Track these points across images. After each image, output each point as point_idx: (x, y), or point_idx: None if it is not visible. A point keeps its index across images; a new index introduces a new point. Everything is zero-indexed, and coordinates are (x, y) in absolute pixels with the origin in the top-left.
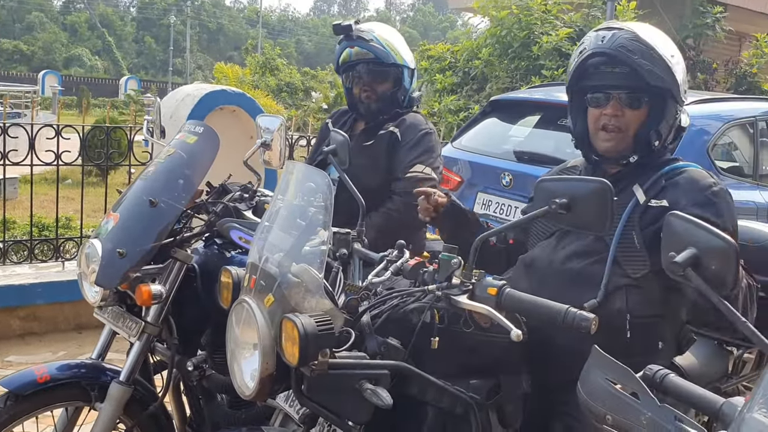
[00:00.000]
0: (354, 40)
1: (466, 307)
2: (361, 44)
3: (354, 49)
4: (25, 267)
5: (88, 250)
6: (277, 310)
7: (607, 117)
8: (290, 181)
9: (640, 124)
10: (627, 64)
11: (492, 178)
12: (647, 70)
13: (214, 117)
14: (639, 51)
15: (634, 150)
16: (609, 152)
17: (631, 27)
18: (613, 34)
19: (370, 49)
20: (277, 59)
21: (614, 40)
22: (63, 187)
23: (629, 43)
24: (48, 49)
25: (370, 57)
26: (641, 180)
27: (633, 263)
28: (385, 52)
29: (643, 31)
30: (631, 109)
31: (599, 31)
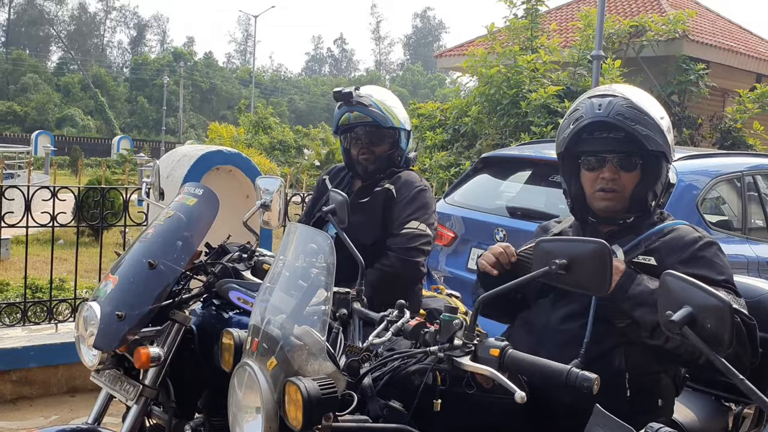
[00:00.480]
0: (354, 106)
1: (468, 369)
2: (361, 109)
3: (353, 113)
4: (18, 329)
5: (87, 313)
6: (279, 373)
7: (605, 180)
8: (292, 242)
9: (636, 185)
10: (624, 130)
11: (486, 234)
12: (644, 136)
13: (211, 177)
14: (635, 117)
15: (629, 209)
16: (606, 212)
17: (623, 92)
18: (609, 101)
19: (369, 114)
20: (270, 118)
21: (611, 108)
22: (56, 247)
23: (625, 110)
24: (41, 109)
25: (368, 120)
26: (625, 241)
27: (619, 315)
28: (383, 116)
29: (636, 96)
30: (626, 172)
31: (593, 99)
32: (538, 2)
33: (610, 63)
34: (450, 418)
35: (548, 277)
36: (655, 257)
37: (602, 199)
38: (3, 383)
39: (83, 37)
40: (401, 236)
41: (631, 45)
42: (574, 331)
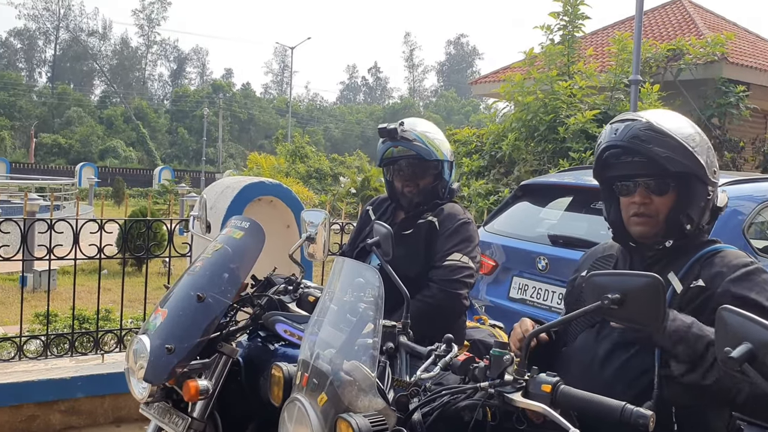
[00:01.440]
0: (398, 141)
1: (520, 405)
2: (405, 144)
3: (397, 148)
4: (66, 360)
5: (137, 346)
6: (330, 409)
7: (636, 205)
8: (339, 276)
9: (670, 209)
10: (642, 153)
11: (527, 262)
12: (664, 158)
13: (253, 207)
14: (653, 139)
15: (667, 234)
16: (643, 237)
17: (645, 116)
18: (626, 125)
19: (413, 148)
20: (306, 147)
21: (627, 132)
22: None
23: (642, 133)
24: (85, 141)
25: (412, 154)
26: (676, 266)
27: None
28: (427, 149)
29: (658, 118)
30: (659, 195)
31: (614, 124)
32: (575, 28)
33: (648, 87)
34: None
35: (600, 312)
36: (703, 278)
37: (636, 224)
38: (52, 413)
39: (125, 70)
40: (443, 268)
41: (668, 68)
42: (622, 362)
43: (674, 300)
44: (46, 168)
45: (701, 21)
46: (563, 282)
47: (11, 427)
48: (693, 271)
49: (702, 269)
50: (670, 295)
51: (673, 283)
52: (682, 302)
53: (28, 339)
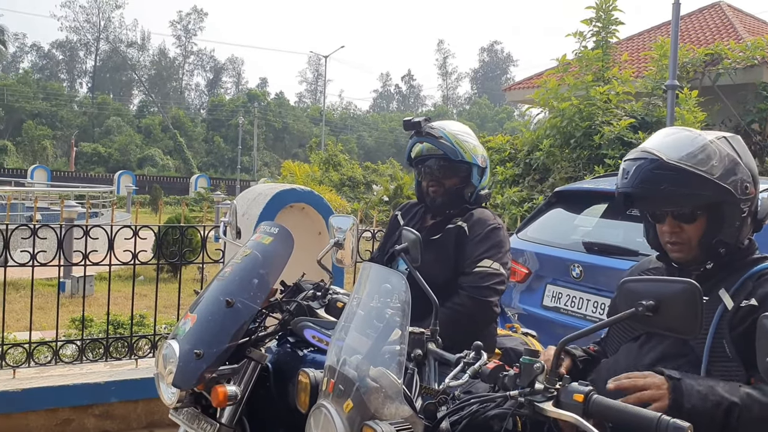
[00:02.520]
0: (423, 136)
1: (551, 415)
2: (430, 140)
3: (425, 145)
4: (101, 364)
5: (166, 351)
6: (356, 416)
7: (668, 234)
8: (366, 281)
9: (702, 235)
10: (656, 197)
11: (561, 270)
12: (680, 195)
13: (285, 214)
14: (666, 179)
15: (704, 258)
16: (680, 263)
17: (655, 150)
18: (636, 167)
19: (438, 146)
20: (339, 155)
21: (636, 176)
22: (136, 283)
23: (652, 175)
24: (124, 150)
25: (439, 153)
26: (728, 283)
27: (726, 375)
28: (453, 149)
29: (670, 149)
30: (688, 224)
31: (626, 162)
32: (608, 34)
33: (687, 93)
34: None
35: (635, 318)
36: (756, 297)
37: (672, 251)
38: (86, 417)
39: (163, 80)
40: (473, 275)
41: (706, 73)
42: None
43: (724, 317)
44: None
45: (741, 25)
46: (598, 290)
47: (47, 430)
48: (745, 288)
49: (755, 287)
50: (720, 311)
51: (724, 300)
52: (733, 320)
53: (64, 343)
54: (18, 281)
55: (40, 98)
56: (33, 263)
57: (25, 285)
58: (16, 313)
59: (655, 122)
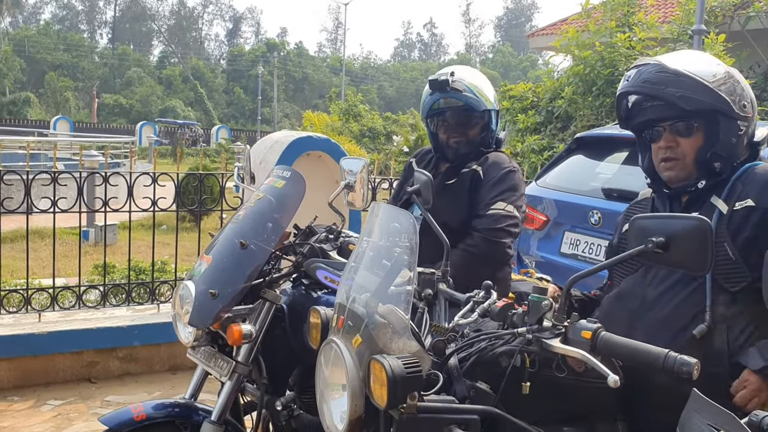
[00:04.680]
0: (447, 92)
1: (559, 351)
2: (455, 95)
3: (445, 99)
4: (123, 309)
5: (182, 291)
6: (364, 351)
7: (663, 149)
8: (375, 222)
9: (698, 150)
10: (656, 96)
11: (580, 217)
12: (678, 97)
13: (301, 162)
14: (665, 81)
15: (699, 176)
16: (673, 182)
17: (659, 58)
18: (638, 70)
19: (462, 99)
20: (359, 105)
21: (638, 76)
22: (158, 232)
23: (654, 76)
24: (145, 101)
25: (460, 105)
26: (718, 190)
27: (731, 277)
28: (477, 100)
29: (673, 59)
30: (684, 137)
31: (629, 71)
32: None
33: (713, 38)
34: (539, 402)
35: (644, 256)
36: (751, 197)
37: (665, 169)
38: (111, 360)
39: (182, 30)
40: (487, 217)
41: (736, 17)
42: (676, 303)
43: (721, 222)
44: (108, 127)
45: None
46: None
47: (73, 372)
48: (735, 190)
49: (745, 186)
50: (716, 217)
51: (717, 206)
52: (730, 224)
53: (87, 289)
54: (43, 230)
55: (60, 49)
56: (54, 210)
57: (50, 233)
58: (41, 260)
59: None
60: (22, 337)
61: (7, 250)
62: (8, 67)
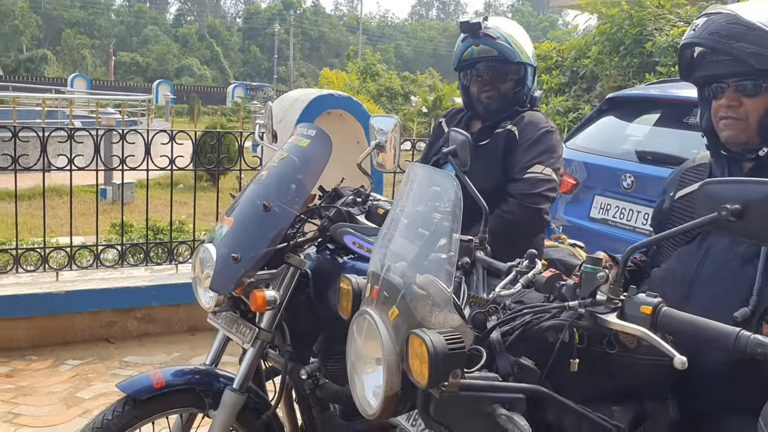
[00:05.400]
0: (480, 38)
1: (616, 327)
2: (488, 42)
3: (477, 47)
4: (141, 269)
5: (203, 254)
6: (402, 324)
7: (724, 108)
8: (412, 184)
9: (764, 113)
10: (724, 51)
11: (611, 180)
12: (749, 54)
13: (322, 121)
14: (737, 34)
15: (761, 141)
16: (730, 143)
17: (734, 7)
18: (707, 20)
19: (495, 47)
20: (377, 65)
21: (706, 27)
22: (176, 191)
23: (724, 28)
24: (161, 60)
25: (494, 55)
26: None
27: None
28: (511, 50)
29: (750, 9)
30: (750, 97)
31: (697, 19)
32: None
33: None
34: (587, 380)
35: (716, 224)
36: None
37: (724, 128)
38: (129, 320)
39: None
40: (523, 181)
41: None
42: (733, 278)
43: None
44: (125, 85)
45: None
46: (650, 201)
47: (91, 332)
48: None
49: None
50: None
51: None
52: None
53: (105, 248)
54: (60, 187)
55: (77, 6)
56: (71, 167)
57: (68, 191)
58: (59, 218)
59: None
60: (40, 296)
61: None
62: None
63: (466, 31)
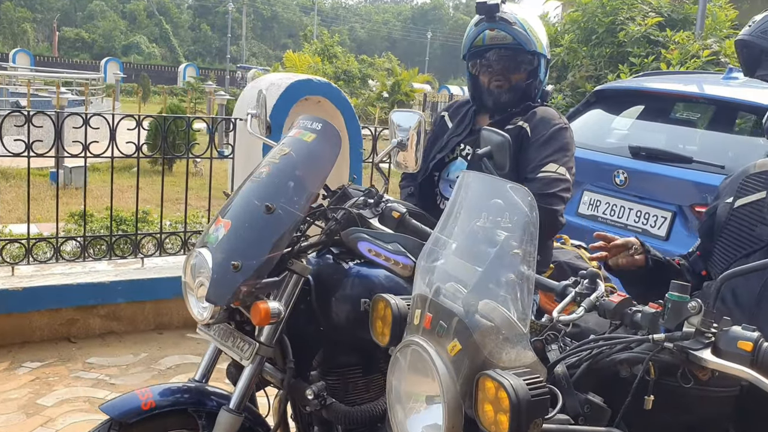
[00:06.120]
0: (496, 22)
1: (713, 366)
2: (504, 27)
3: (492, 32)
4: (104, 263)
5: (195, 260)
6: (463, 359)
7: None
8: (466, 195)
9: None
10: None
11: (601, 176)
12: None
13: (299, 108)
14: None
15: None
16: None
17: None
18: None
19: (512, 33)
20: (335, 47)
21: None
22: (130, 175)
23: None
24: (108, 36)
25: (508, 42)
26: None
27: None
28: (527, 37)
29: None
30: None
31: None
32: None
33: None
34: (661, 416)
35: None
36: None
37: None
38: (92, 318)
39: None
40: (537, 181)
41: None
42: None
43: None
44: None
45: None
46: (642, 198)
47: (51, 330)
48: None
49: None
50: None
51: None
52: None
53: (65, 240)
54: (7, 170)
55: None
56: (29, 153)
57: (15, 174)
58: (7, 203)
59: (682, 20)
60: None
61: None
62: None
63: (482, 13)
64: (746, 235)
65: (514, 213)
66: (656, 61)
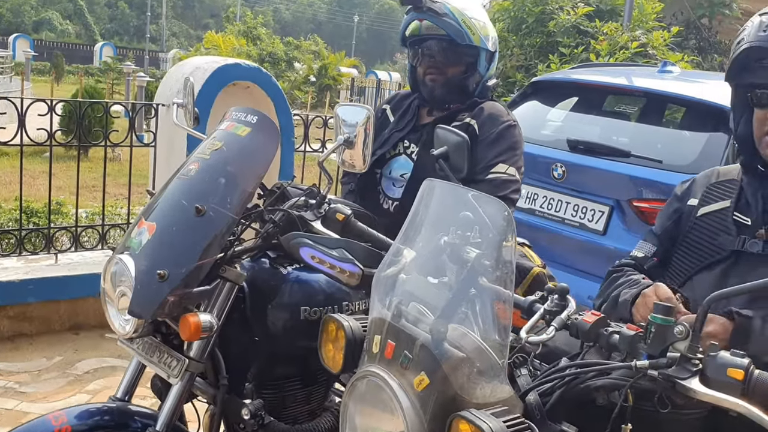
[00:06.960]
0: (423, 13)
1: (702, 398)
2: (432, 18)
3: (423, 22)
4: (13, 259)
5: (116, 267)
6: (431, 394)
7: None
8: (429, 205)
9: None
10: None
11: (538, 169)
12: None
13: (227, 94)
14: None
15: None
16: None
17: None
18: None
19: (441, 25)
20: (260, 28)
21: (761, 26)
22: (42, 161)
23: None
24: (17, 11)
25: (441, 34)
26: None
27: None
28: (459, 30)
29: None
30: None
31: (763, 17)
32: None
33: None
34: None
35: None
36: None
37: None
38: (0, 319)
39: None
40: (487, 183)
41: None
42: None
43: None
44: None
45: None
46: (580, 192)
47: None
48: None
49: None
50: None
51: None
52: None
53: None
54: None
55: None
56: None
57: None
58: None
59: (609, 11)
60: None
61: None
62: None
63: (406, 4)
64: (707, 244)
65: (485, 228)
66: (586, 51)
